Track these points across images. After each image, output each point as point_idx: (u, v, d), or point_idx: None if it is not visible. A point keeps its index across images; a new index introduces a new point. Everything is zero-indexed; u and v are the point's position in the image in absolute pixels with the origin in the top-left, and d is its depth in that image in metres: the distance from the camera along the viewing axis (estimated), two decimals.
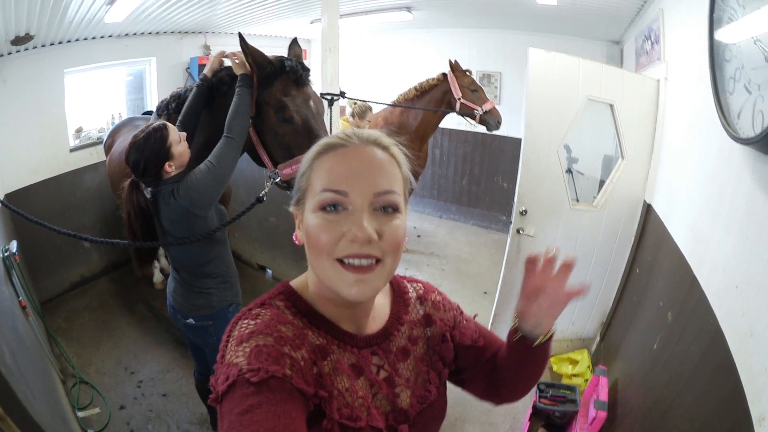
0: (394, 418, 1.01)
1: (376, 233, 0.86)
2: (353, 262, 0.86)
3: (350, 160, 0.90)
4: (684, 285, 2.38)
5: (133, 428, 3.33)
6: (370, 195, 0.87)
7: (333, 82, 3.65)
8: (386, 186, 0.89)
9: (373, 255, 0.86)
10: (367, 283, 0.87)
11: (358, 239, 0.84)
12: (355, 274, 0.86)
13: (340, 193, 0.86)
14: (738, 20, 1.84)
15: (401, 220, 0.91)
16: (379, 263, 0.87)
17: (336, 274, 0.87)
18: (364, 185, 0.87)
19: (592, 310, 3.93)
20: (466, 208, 7.32)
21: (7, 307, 2.82)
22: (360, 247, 0.85)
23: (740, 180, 1.92)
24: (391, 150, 0.94)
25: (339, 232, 0.86)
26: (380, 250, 0.87)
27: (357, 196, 0.86)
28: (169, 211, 2.30)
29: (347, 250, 0.85)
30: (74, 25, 4.30)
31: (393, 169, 0.92)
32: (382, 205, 0.88)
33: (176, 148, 2.30)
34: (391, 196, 0.89)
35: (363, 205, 0.86)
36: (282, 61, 2.54)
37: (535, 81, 3.38)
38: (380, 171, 0.90)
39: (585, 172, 4.48)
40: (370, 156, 0.90)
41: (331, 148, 0.92)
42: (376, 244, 0.86)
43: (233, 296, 2.62)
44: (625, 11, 4.34)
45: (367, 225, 0.85)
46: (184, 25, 5.83)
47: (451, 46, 6.58)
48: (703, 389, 1.92)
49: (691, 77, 2.74)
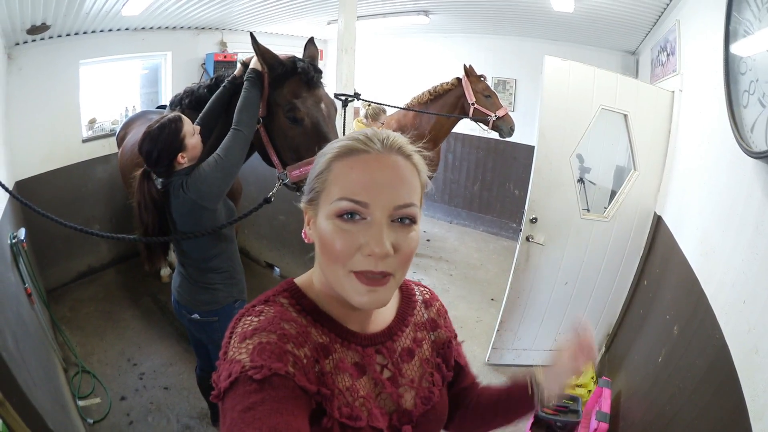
0: (397, 419, 1.00)
1: (393, 247, 0.84)
2: (367, 275, 0.85)
3: (372, 169, 0.87)
4: (691, 299, 2.35)
5: (133, 420, 3.33)
6: (390, 208, 0.85)
7: (348, 84, 3.65)
8: (407, 199, 0.87)
9: (387, 272, 0.85)
10: (378, 294, 0.86)
11: (375, 254, 0.83)
12: (368, 285, 0.85)
13: (360, 203, 0.84)
14: (754, 33, 1.83)
15: (416, 231, 0.90)
16: (390, 277, 0.87)
17: (348, 282, 0.86)
18: (385, 198, 0.85)
19: (599, 321, 3.90)
20: (476, 214, 7.30)
21: (12, 293, 2.84)
22: (375, 263, 0.84)
23: (751, 195, 1.90)
24: (414, 159, 0.92)
25: (356, 244, 0.84)
26: (394, 265, 0.86)
27: (377, 208, 0.85)
28: (178, 204, 2.31)
29: (363, 266, 0.84)
30: (91, 17, 4.33)
31: (414, 180, 0.90)
32: (400, 217, 0.87)
33: (189, 140, 2.32)
34: (411, 209, 0.88)
35: (382, 218, 0.85)
36: (294, 61, 2.52)
37: (549, 89, 3.37)
38: (402, 183, 0.87)
39: (597, 182, 4.46)
40: (393, 166, 0.88)
41: (353, 152, 0.88)
42: (393, 258, 0.85)
43: (239, 293, 2.61)
44: (642, 21, 4.31)
45: (386, 241, 0.83)
46: (201, 21, 5.86)
47: (467, 51, 6.57)
48: (707, 404, 1.91)
49: (706, 90, 2.72)
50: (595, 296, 3.82)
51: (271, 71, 2.49)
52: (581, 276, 3.76)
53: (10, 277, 2.94)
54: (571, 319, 3.91)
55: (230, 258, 2.57)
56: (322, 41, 8.19)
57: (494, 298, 5.18)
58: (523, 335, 3.99)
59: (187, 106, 2.95)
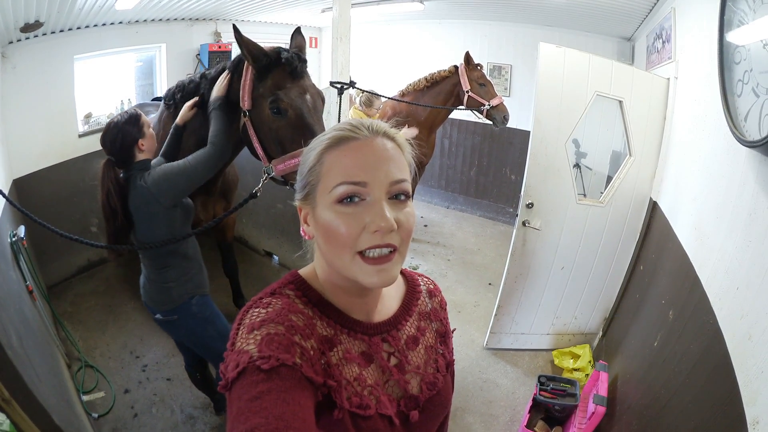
0: (405, 404, 1.02)
1: (396, 223, 0.88)
2: (374, 254, 0.88)
3: (365, 152, 0.90)
4: (686, 284, 2.39)
5: (138, 412, 3.37)
6: (386, 185, 0.89)
7: (343, 71, 3.65)
8: (400, 174, 0.91)
9: (393, 244, 0.88)
10: (387, 271, 0.89)
11: (382, 228, 0.86)
12: (376, 265, 0.88)
13: (359, 184, 0.88)
14: (748, 23, 1.84)
15: (412, 207, 0.94)
16: (396, 251, 0.90)
17: (357, 266, 0.89)
18: (380, 175, 0.89)
19: (595, 305, 3.95)
20: (473, 199, 7.31)
21: (14, 291, 2.85)
22: (382, 237, 0.87)
23: (745, 183, 1.92)
24: (398, 139, 0.96)
25: (360, 224, 0.87)
26: (399, 239, 0.89)
27: (375, 186, 0.88)
28: (135, 196, 2.38)
29: (370, 242, 0.87)
30: (84, 12, 4.31)
31: (401, 158, 0.94)
32: (396, 194, 0.90)
33: (147, 130, 2.45)
34: (405, 184, 0.91)
35: (381, 196, 0.88)
36: (279, 52, 2.49)
37: (544, 75, 3.37)
38: (393, 161, 0.91)
39: (593, 168, 4.47)
40: (382, 147, 0.91)
41: (343, 141, 0.92)
42: (396, 232, 0.88)
43: (194, 288, 2.61)
44: (638, 8, 4.30)
45: (389, 215, 0.87)
46: (195, 12, 5.82)
47: (462, 38, 6.57)
48: (701, 389, 1.94)
49: (701, 78, 2.74)
50: (592, 281, 3.86)
51: (256, 62, 2.46)
52: (578, 261, 3.79)
53: (12, 275, 2.96)
54: (568, 303, 3.95)
55: (184, 255, 2.59)
56: (316, 29, 8.15)
57: (492, 282, 5.21)
58: (521, 319, 4.03)
59: (180, 101, 2.97)
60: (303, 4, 6.08)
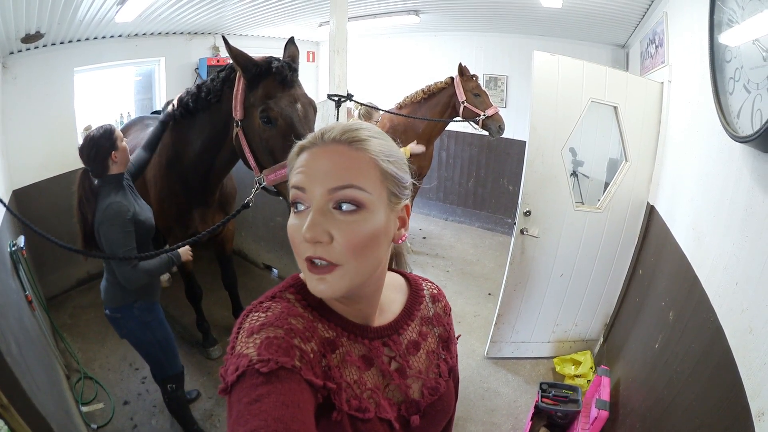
0: (406, 409, 1.02)
1: (328, 235, 0.85)
2: (316, 262, 0.86)
3: (314, 158, 0.89)
4: (685, 284, 2.39)
5: (137, 423, 3.35)
6: (324, 191, 0.85)
7: (341, 84, 3.67)
8: (345, 181, 0.86)
9: (324, 258, 0.85)
10: (327, 282, 0.86)
11: (306, 239, 0.84)
12: (315, 274, 0.87)
13: (300, 189, 0.88)
14: (737, 22, 1.87)
15: (365, 218, 0.87)
16: (337, 267, 0.86)
17: (306, 271, 0.88)
18: (320, 182, 0.86)
19: (596, 311, 3.94)
20: (471, 211, 7.33)
21: (13, 300, 2.85)
22: (313, 249, 0.85)
23: (740, 179, 1.93)
24: (365, 144, 0.90)
25: (300, 231, 0.86)
26: (334, 254, 0.85)
27: (313, 194, 0.86)
28: (96, 212, 2.55)
29: (306, 252, 0.86)
30: (84, 24, 4.35)
31: (360, 164, 0.88)
32: (340, 201, 0.86)
33: (120, 143, 2.59)
34: (350, 192, 0.86)
35: (319, 204, 0.86)
36: (269, 62, 2.50)
37: (539, 83, 3.40)
38: (340, 167, 0.87)
39: (590, 176, 4.49)
40: (332, 152, 0.88)
41: (304, 149, 0.91)
42: (327, 246, 0.85)
43: (140, 294, 2.71)
44: (631, 15, 4.35)
45: (311, 226, 0.84)
46: (194, 26, 5.88)
47: (458, 50, 6.62)
48: (704, 387, 1.93)
49: (694, 79, 2.76)
50: (591, 287, 3.86)
51: (246, 72, 2.49)
52: (577, 267, 3.79)
53: (11, 283, 2.96)
54: (568, 310, 3.95)
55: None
56: (313, 43, 8.22)
57: (491, 292, 5.21)
58: (521, 328, 4.02)
59: (180, 115, 3.01)
60: (300, 18, 6.13)
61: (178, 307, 4.48)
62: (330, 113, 3.66)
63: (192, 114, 2.95)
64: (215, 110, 2.82)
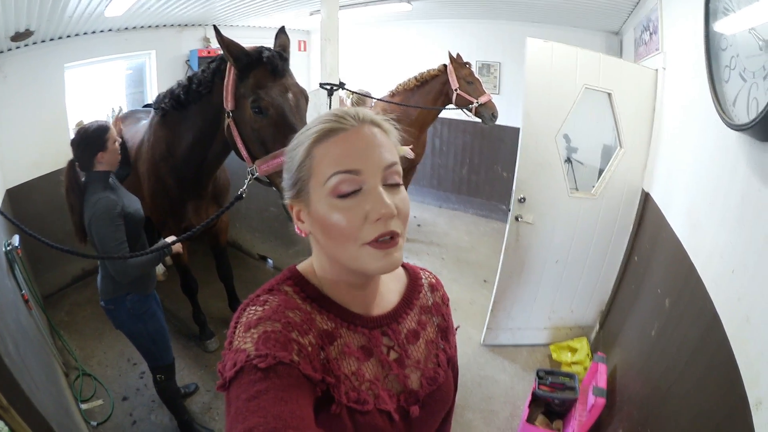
0: (404, 399, 1.02)
1: (396, 208, 0.87)
2: (379, 240, 0.86)
3: (354, 140, 0.89)
4: (681, 272, 2.39)
5: (136, 419, 3.36)
6: (380, 170, 0.87)
7: (332, 73, 3.65)
8: (391, 158, 0.89)
9: (396, 231, 0.87)
10: (393, 255, 0.87)
11: (384, 215, 0.85)
12: (382, 249, 0.86)
13: (353, 172, 0.86)
14: (733, 10, 1.86)
15: (403, 191, 0.92)
16: (398, 238, 0.88)
17: (364, 254, 0.87)
18: (373, 162, 0.87)
19: (591, 298, 3.96)
20: (465, 198, 7.33)
21: (10, 300, 2.84)
22: (385, 224, 0.86)
23: (736, 167, 1.93)
24: (383, 125, 0.94)
25: (361, 215, 0.86)
26: (399, 225, 0.88)
27: (369, 173, 0.87)
28: (85, 208, 2.55)
29: (375, 232, 0.86)
30: (74, 20, 4.30)
31: (389, 142, 0.93)
32: (390, 180, 0.89)
33: (111, 144, 2.60)
34: (397, 167, 0.90)
35: (376, 182, 0.87)
36: (260, 51, 2.48)
37: (532, 70, 3.39)
38: (382, 146, 0.90)
39: (584, 162, 4.49)
40: (370, 133, 0.90)
41: (331, 132, 0.90)
42: (396, 218, 0.87)
43: (133, 287, 2.71)
44: (624, 2, 4.32)
45: (386, 203, 0.85)
46: (184, 18, 5.83)
47: (451, 37, 6.58)
48: (701, 375, 1.94)
49: (688, 67, 2.76)
50: (587, 273, 3.88)
51: (236, 62, 2.46)
52: (572, 254, 3.81)
53: (7, 283, 2.95)
54: (563, 296, 3.97)
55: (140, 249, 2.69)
56: (305, 32, 8.16)
57: (486, 279, 5.23)
58: (517, 315, 4.04)
59: (170, 107, 2.98)
60: (291, 7, 6.08)
61: (174, 300, 4.46)
62: (322, 102, 3.65)
63: (184, 106, 2.92)
64: (206, 102, 2.79)
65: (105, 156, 2.57)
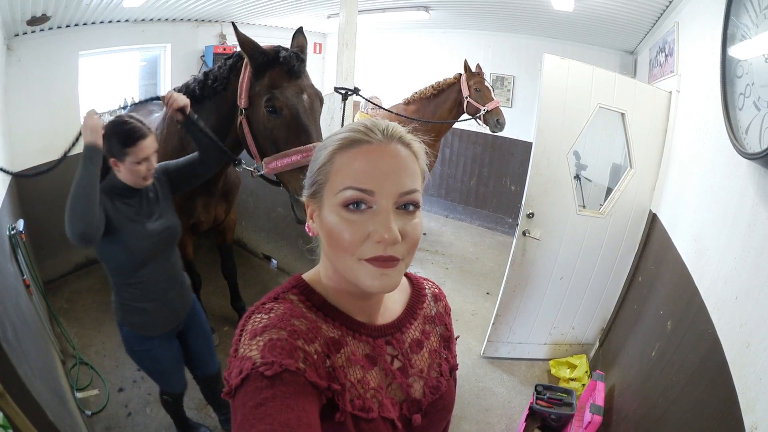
0: (407, 408, 1.01)
1: (400, 233, 0.85)
2: (378, 259, 0.86)
3: (376, 158, 0.87)
4: (685, 295, 2.39)
5: (131, 411, 3.35)
6: (395, 195, 0.86)
7: (348, 78, 3.66)
8: (410, 185, 0.88)
9: (395, 257, 0.86)
10: (389, 277, 0.87)
11: (385, 241, 0.83)
12: (379, 268, 0.86)
13: (366, 192, 0.85)
14: (751, 38, 1.86)
15: (420, 218, 0.91)
16: (398, 261, 0.87)
17: (360, 268, 0.87)
18: (389, 185, 0.86)
19: (593, 315, 3.95)
20: (472, 209, 7.33)
21: (11, 284, 2.84)
22: (385, 248, 0.85)
23: (745, 194, 1.93)
24: (413, 147, 0.92)
25: (364, 232, 0.85)
26: (402, 251, 0.87)
27: (382, 196, 0.85)
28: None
29: (372, 253, 0.85)
30: (91, 8, 4.33)
31: (415, 167, 0.91)
32: (405, 204, 0.87)
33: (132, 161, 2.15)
34: (415, 195, 0.88)
35: (388, 205, 0.85)
36: (277, 51, 2.48)
37: (548, 87, 3.39)
38: (404, 170, 0.88)
39: (593, 180, 4.49)
40: (395, 155, 0.88)
41: (355, 143, 0.89)
42: (400, 244, 0.86)
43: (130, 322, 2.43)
44: (641, 22, 4.32)
45: (394, 227, 0.84)
46: (201, 14, 5.86)
47: (467, 48, 6.58)
48: (699, 398, 1.94)
49: (703, 91, 2.75)
50: (590, 291, 3.86)
51: (253, 60, 2.46)
52: (577, 271, 3.79)
53: (9, 268, 2.95)
54: (566, 313, 3.96)
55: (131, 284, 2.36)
56: (321, 34, 8.19)
57: (489, 291, 5.22)
58: (519, 329, 4.02)
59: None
60: (308, 8, 6.11)
61: None
62: (336, 106, 3.66)
63: (198, 102, 2.91)
64: (221, 98, 2.78)
65: (122, 167, 2.18)
